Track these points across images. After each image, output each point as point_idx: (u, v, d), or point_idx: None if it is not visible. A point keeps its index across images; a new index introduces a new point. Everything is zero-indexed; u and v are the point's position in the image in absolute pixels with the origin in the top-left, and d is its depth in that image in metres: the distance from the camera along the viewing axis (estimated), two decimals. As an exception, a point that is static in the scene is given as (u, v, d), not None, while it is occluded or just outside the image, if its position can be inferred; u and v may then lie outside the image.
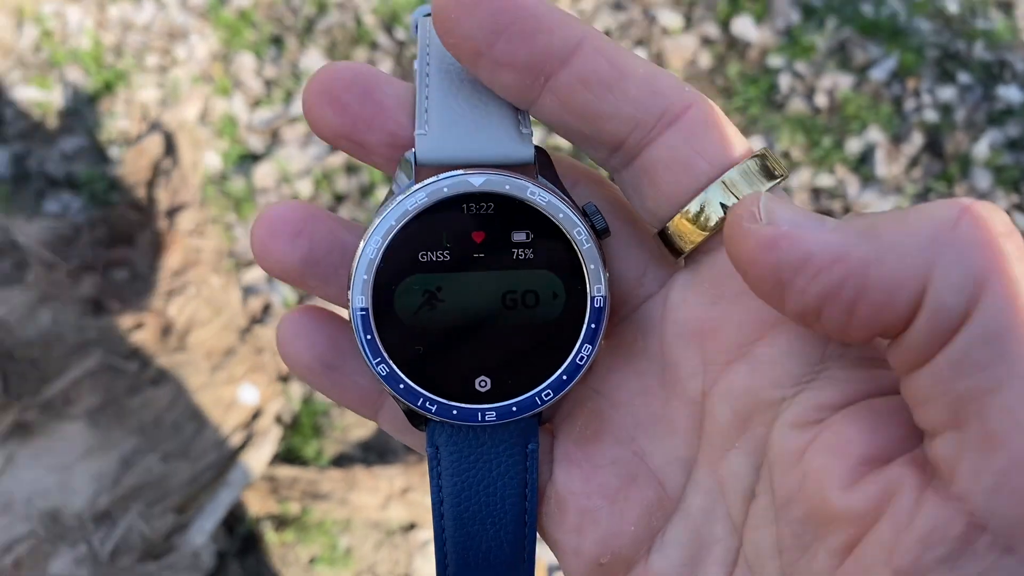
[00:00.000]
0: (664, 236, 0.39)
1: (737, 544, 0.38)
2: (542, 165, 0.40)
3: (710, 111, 0.37)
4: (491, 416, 0.40)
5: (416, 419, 0.41)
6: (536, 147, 0.40)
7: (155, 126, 2.37)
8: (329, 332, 0.42)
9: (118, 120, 2.47)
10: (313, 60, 2.54)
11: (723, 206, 0.37)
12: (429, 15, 0.40)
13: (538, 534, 0.42)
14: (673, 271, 0.41)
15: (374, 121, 0.39)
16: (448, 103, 0.39)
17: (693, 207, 0.37)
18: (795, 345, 0.36)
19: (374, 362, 0.39)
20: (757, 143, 2.21)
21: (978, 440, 0.29)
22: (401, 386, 0.39)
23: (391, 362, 0.39)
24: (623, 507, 0.40)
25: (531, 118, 0.40)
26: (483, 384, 0.40)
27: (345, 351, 0.42)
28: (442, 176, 0.38)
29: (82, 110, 2.56)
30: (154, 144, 2.25)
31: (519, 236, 0.39)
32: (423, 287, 0.39)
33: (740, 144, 0.38)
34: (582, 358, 0.40)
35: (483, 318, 0.40)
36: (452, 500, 0.41)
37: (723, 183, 0.37)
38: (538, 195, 0.39)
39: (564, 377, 0.40)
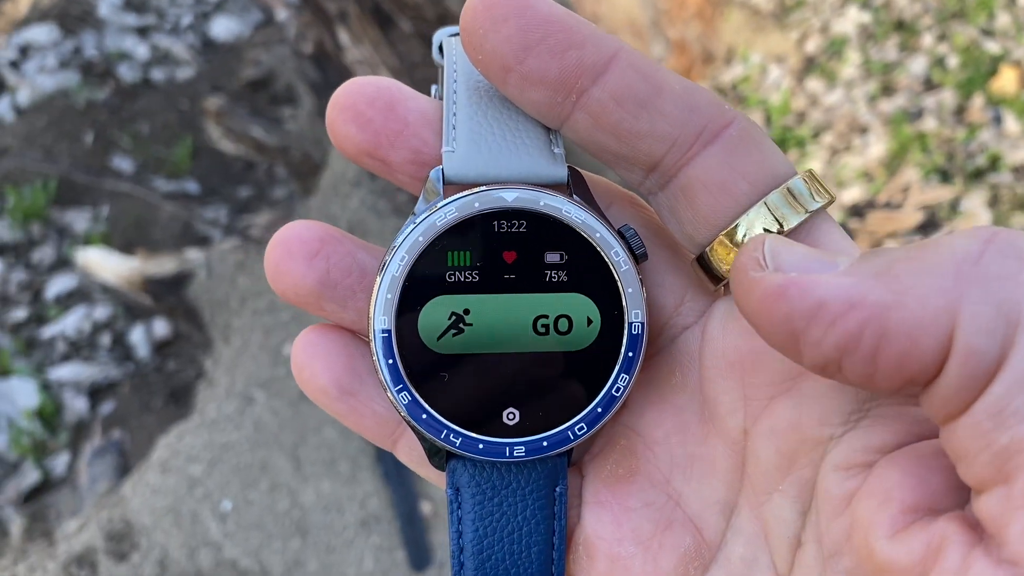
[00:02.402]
0: (702, 262, 0.37)
1: None
2: (576, 185, 0.38)
3: (750, 128, 0.35)
4: (520, 452, 0.37)
5: (435, 456, 0.39)
6: (570, 167, 0.38)
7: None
8: (347, 353, 0.39)
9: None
10: (974, 203, 2.73)
11: (767, 231, 0.35)
12: (454, 35, 0.40)
13: None
14: (712, 300, 0.39)
15: (398, 138, 0.37)
16: (477, 119, 0.37)
17: (733, 231, 0.35)
18: None
19: (395, 389, 0.37)
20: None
21: None
22: (424, 416, 0.37)
23: (413, 390, 0.37)
24: (657, 555, 0.37)
25: (562, 138, 0.38)
26: (511, 417, 0.38)
27: (363, 375, 0.39)
28: (473, 191, 0.37)
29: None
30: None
31: (552, 257, 0.37)
32: (450, 309, 0.37)
33: (783, 164, 0.36)
34: (618, 389, 0.38)
35: (513, 344, 0.37)
36: (473, 547, 0.38)
37: (765, 205, 0.35)
38: (574, 213, 0.37)
39: (599, 410, 0.38)
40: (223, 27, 3.37)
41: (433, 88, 0.42)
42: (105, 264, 2.14)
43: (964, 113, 2.87)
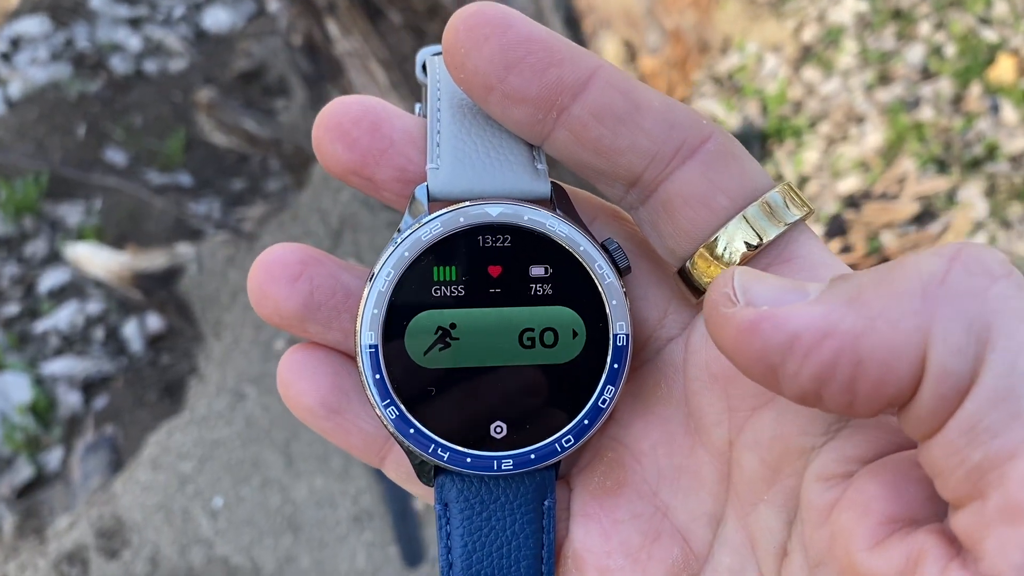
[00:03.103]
0: (684, 275, 0.37)
1: None
2: (559, 200, 0.39)
3: (729, 143, 0.36)
4: (508, 465, 0.37)
5: (423, 471, 0.39)
6: (553, 182, 0.39)
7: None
8: (333, 372, 0.40)
9: (781, 166, 2.79)
10: (971, 193, 2.73)
11: (747, 244, 0.35)
12: (437, 54, 0.40)
13: None
14: (695, 312, 0.39)
15: (383, 156, 0.37)
16: (460, 136, 0.38)
17: (713, 244, 0.36)
18: None
19: (382, 404, 0.37)
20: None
21: (1003, 512, 0.26)
22: (412, 431, 0.37)
23: (401, 405, 0.37)
24: (646, 566, 0.38)
25: (545, 154, 0.39)
26: (499, 430, 0.38)
27: (349, 392, 0.40)
28: (459, 206, 0.37)
29: (751, 142, 2.92)
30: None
31: (537, 270, 0.38)
32: (436, 324, 0.37)
33: (761, 177, 0.36)
34: (604, 401, 0.38)
35: (499, 358, 0.38)
36: (463, 562, 0.38)
37: (744, 218, 0.35)
38: (557, 227, 0.37)
39: (586, 422, 0.38)
40: (215, 18, 3.34)
41: (417, 106, 0.42)
42: (95, 259, 2.13)
43: (961, 102, 2.85)
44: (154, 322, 2.40)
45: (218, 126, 2.43)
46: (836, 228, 2.49)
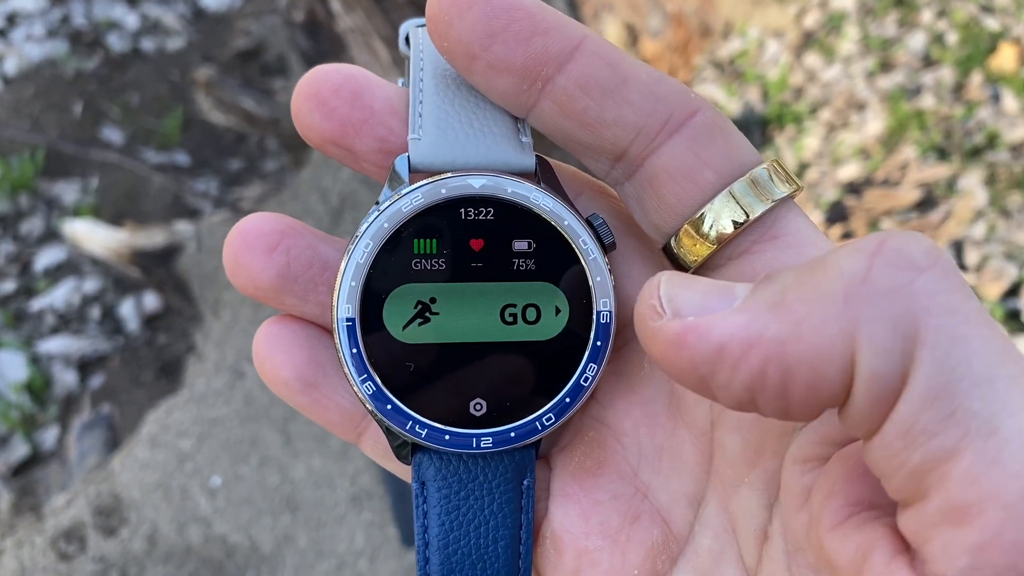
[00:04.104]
0: (668, 251, 0.37)
1: None
2: (544, 174, 0.38)
3: (717, 118, 0.35)
4: (487, 443, 0.37)
5: (402, 450, 0.38)
6: (537, 155, 0.38)
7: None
8: (309, 345, 0.39)
9: (782, 151, 2.79)
10: (971, 181, 2.73)
11: (733, 222, 0.35)
12: (421, 26, 0.39)
13: None
14: None
15: (363, 126, 0.36)
16: (444, 107, 0.37)
17: (699, 221, 0.35)
18: None
19: (359, 379, 0.36)
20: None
21: (945, 515, 0.26)
22: (389, 407, 0.36)
23: (378, 379, 0.36)
24: (625, 548, 0.37)
25: (530, 127, 0.38)
26: (478, 407, 0.37)
27: (326, 367, 0.38)
28: (440, 177, 0.36)
29: (752, 127, 2.91)
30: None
31: (520, 245, 0.37)
32: (416, 297, 0.36)
33: (749, 153, 0.35)
34: (586, 379, 0.37)
35: (480, 334, 0.37)
36: (439, 541, 0.38)
37: (730, 194, 0.35)
38: (541, 201, 0.37)
39: (567, 400, 0.37)
40: (214, -4, 3.32)
41: (400, 81, 0.41)
42: (93, 236, 2.12)
43: (962, 91, 2.85)
44: (151, 301, 2.39)
45: (216, 105, 2.42)
46: (837, 214, 2.49)
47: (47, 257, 2.57)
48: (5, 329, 2.41)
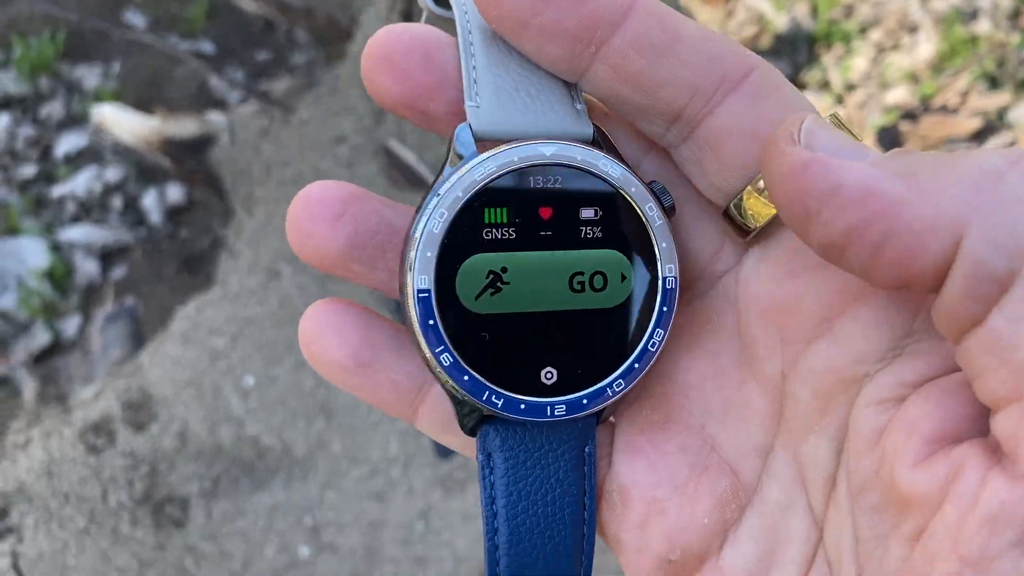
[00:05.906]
0: (730, 214, 0.36)
1: (817, 538, 0.36)
2: (601, 141, 0.38)
3: (773, 74, 0.35)
4: (560, 411, 0.37)
5: (468, 422, 0.38)
6: (594, 123, 0.38)
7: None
8: (362, 325, 0.38)
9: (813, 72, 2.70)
10: (1022, 113, 2.64)
11: None
12: None
13: (598, 536, 0.40)
14: (744, 250, 0.38)
15: (437, 89, 0.36)
16: (498, 72, 0.36)
17: (762, 180, 0.34)
18: (881, 317, 0.33)
19: (436, 351, 0.35)
20: None
21: None
22: (466, 378, 0.36)
23: (454, 351, 0.36)
24: (694, 498, 0.37)
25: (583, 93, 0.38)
26: (549, 376, 0.37)
27: (379, 346, 0.38)
28: (511, 145, 0.36)
29: (799, 44, 2.81)
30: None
31: (587, 213, 0.37)
32: (488, 267, 0.36)
33: (808, 108, 0.35)
34: (653, 344, 0.37)
35: (549, 303, 0.37)
36: (507, 511, 0.38)
37: None
38: (610, 168, 0.36)
39: (635, 366, 0.37)
40: None
41: (424, 15, 0.41)
42: (122, 121, 2.04)
43: (1020, 17, 2.74)
44: (175, 193, 2.33)
45: (248, -10, 2.31)
46: (890, 140, 2.40)
47: (68, 143, 2.50)
48: (25, 214, 2.36)
